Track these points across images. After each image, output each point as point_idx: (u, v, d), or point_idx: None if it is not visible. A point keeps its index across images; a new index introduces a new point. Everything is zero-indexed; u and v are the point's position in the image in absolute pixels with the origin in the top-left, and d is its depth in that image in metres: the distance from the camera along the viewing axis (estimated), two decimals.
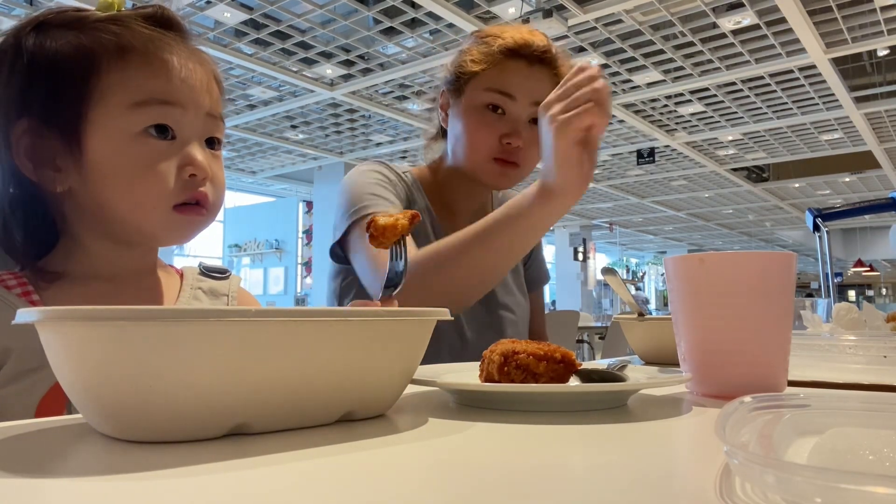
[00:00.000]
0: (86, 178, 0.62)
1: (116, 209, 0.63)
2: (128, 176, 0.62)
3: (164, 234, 0.66)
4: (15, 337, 0.58)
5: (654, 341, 0.98)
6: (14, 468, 0.33)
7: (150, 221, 0.64)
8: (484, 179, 1.07)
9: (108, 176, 0.62)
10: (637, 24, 4.79)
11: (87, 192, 0.63)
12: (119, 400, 0.38)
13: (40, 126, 0.61)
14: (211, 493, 0.30)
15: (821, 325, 1.20)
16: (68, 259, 0.66)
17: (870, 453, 0.29)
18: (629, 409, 0.54)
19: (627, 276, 16.61)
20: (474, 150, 1.05)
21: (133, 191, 0.62)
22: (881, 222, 14.39)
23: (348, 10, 4.74)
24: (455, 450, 0.39)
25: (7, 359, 0.59)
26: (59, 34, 0.62)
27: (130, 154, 0.61)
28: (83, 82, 0.61)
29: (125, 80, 0.62)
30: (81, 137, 0.61)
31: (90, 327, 0.36)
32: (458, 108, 1.07)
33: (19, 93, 0.62)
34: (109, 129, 0.61)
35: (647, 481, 0.33)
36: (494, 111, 1.04)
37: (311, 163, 9.13)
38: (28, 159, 0.62)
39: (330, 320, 0.41)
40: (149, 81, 0.62)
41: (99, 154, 0.61)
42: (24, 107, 0.62)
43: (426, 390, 0.64)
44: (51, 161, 0.62)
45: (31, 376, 0.59)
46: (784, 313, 0.60)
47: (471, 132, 1.05)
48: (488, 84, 1.04)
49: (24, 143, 0.62)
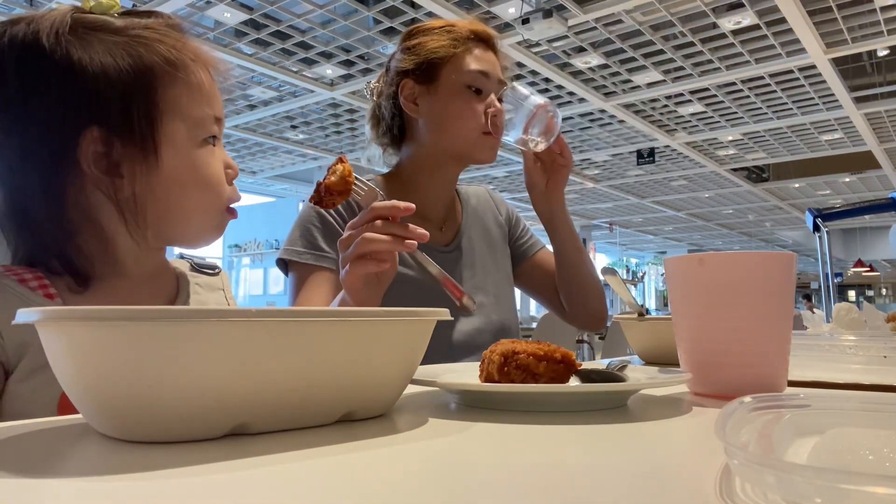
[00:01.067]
0: (153, 185, 0.66)
1: (185, 213, 0.68)
2: (197, 182, 0.68)
3: (214, 234, 0.72)
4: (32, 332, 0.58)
5: (654, 341, 0.98)
6: (14, 468, 0.33)
7: (211, 223, 0.71)
8: (476, 154, 1.13)
9: (180, 183, 0.67)
10: (637, 24, 4.79)
11: (152, 197, 0.66)
12: (119, 400, 0.38)
13: (110, 135, 0.64)
14: (211, 493, 0.30)
15: (821, 325, 1.20)
16: (98, 260, 0.67)
17: (870, 453, 0.29)
18: (629, 409, 0.54)
19: (627, 276, 16.60)
20: (467, 127, 1.11)
21: (203, 195, 0.69)
22: (881, 222, 14.39)
23: (348, 10, 4.74)
24: (455, 450, 0.39)
25: (25, 353, 0.60)
26: (106, 43, 0.64)
27: (197, 162, 0.68)
28: (150, 94, 0.65)
29: (183, 94, 0.67)
30: (158, 147, 0.65)
31: (90, 327, 0.36)
32: (436, 93, 1.11)
33: (87, 102, 0.63)
34: (178, 140, 0.66)
35: (647, 481, 0.33)
36: (476, 92, 1.11)
37: (311, 163, 9.13)
38: (97, 167, 0.64)
39: (330, 320, 0.41)
40: (200, 95, 0.68)
41: (170, 162, 0.66)
42: (94, 116, 0.63)
43: (426, 390, 0.64)
44: (116, 168, 0.65)
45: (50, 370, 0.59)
46: (784, 313, 0.60)
47: (460, 110, 1.10)
48: (468, 67, 1.11)
49: (94, 150, 0.63)
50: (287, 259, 1.07)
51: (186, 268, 0.82)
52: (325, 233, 1.08)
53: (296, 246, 1.07)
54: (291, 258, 1.06)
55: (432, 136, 1.13)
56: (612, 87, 6.11)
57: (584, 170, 9.48)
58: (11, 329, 0.59)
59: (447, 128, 1.12)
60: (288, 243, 1.08)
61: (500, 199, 1.36)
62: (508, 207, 1.37)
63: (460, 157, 1.14)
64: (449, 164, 1.16)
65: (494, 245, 1.27)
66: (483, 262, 1.21)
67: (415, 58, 1.12)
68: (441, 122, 1.12)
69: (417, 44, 1.13)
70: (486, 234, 1.26)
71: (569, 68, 5.66)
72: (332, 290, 1.05)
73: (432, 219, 1.19)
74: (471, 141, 1.11)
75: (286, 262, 1.08)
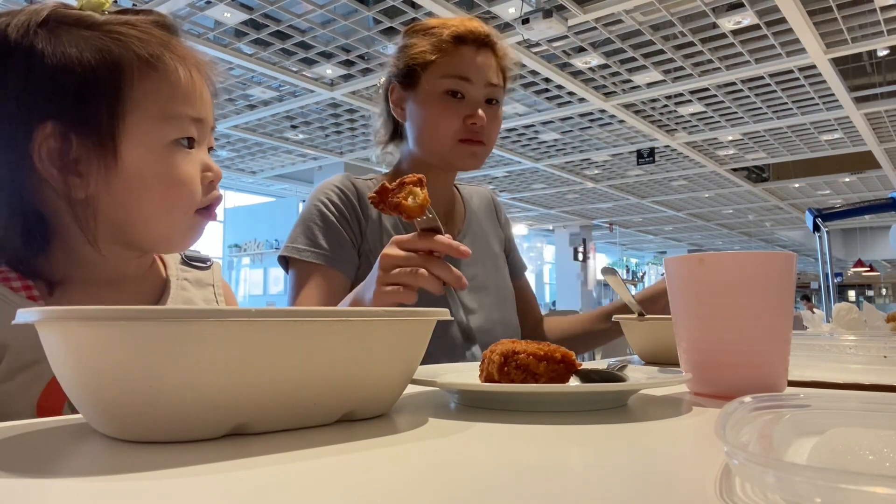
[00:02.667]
0: (113, 185, 0.62)
1: (145, 216, 0.64)
2: (163, 184, 0.63)
3: (183, 239, 0.68)
4: (11, 333, 0.58)
5: (654, 341, 0.98)
6: (14, 468, 0.33)
7: (177, 227, 0.66)
8: (454, 162, 1.11)
9: (142, 184, 0.63)
10: (637, 24, 4.78)
11: (110, 198, 0.62)
12: (119, 400, 0.38)
13: (67, 131, 0.60)
14: (211, 493, 0.30)
15: (821, 325, 1.20)
16: (68, 264, 0.65)
17: (870, 453, 0.29)
18: (629, 409, 0.54)
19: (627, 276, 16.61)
20: (441, 135, 1.09)
21: (167, 198, 0.64)
22: (881, 222, 14.39)
23: (348, 10, 4.74)
24: (455, 450, 0.39)
25: (3, 355, 0.59)
26: (76, 36, 0.61)
27: (164, 163, 0.63)
28: (115, 90, 0.61)
29: (156, 91, 0.63)
30: (117, 145, 0.61)
31: (90, 327, 0.36)
32: (416, 99, 1.11)
33: (43, 95, 0.60)
34: (143, 139, 0.62)
35: (647, 481, 0.33)
36: (454, 96, 1.08)
37: (311, 163, 9.13)
38: (51, 164, 0.60)
39: (330, 320, 0.41)
40: (177, 94, 0.64)
41: (134, 163, 0.62)
42: (50, 111, 0.60)
43: (426, 390, 0.64)
44: (73, 166, 0.61)
45: (30, 371, 0.59)
46: (784, 313, 0.60)
47: (435, 118, 1.09)
48: (445, 71, 1.08)
49: (47, 146, 0.60)
50: (287, 256, 1.07)
51: (177, 261, 0.79)
52: (327, 232, 1.08)
53: (296, 243, 1.07)
54: (291, 255, 1.06)
55: (415, 141, 1.14)
56: (612, 87, 6.11)
57: (584, 170, 9.49)
58: None
59: (423, 135, 1.11)
60: (289, 240, 1.08)
61: (500, 205, 1.37)
62: (507, 218, 1.37)
63: (442, 165, 1.13)
64: (436, 168, 1.15)
65: (495, 247, 1.27)
66: (484, 263, 1.22)
67: (399, 62, 1.13)
68: (419, 128, 1.11)
69: (405, 46, 1.13)
70: (488, 236, 1.26)
71: (569, 68, 5.66)
72: (332, 287, 1.05)
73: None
74: (447, 149, 1.09)
75: (287, 260, 1.08)
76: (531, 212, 12.81)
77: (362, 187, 1.14)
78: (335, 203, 1.10)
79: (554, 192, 10.99)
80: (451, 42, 1.09)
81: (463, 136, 1.08)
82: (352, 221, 1.10)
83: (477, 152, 1.11)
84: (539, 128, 7.31)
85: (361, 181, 1.16)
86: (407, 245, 0.74)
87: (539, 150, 8.32)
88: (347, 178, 1.15)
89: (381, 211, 0.72)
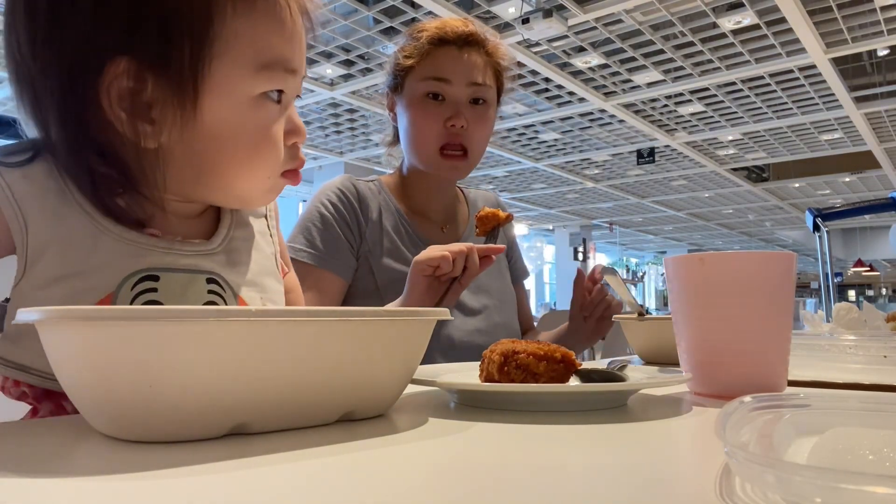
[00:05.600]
0: (189, 138, 0.55)
1: (222, 175, 0.57)
2: (248, 141, 0.56)
3: (262, 199, 0.63)
4: (50, 236, 0.54)
5: (654, 341, 0.98)
6: (14, 468, 0.33)
7: (258, 188, 0.60)
8: (438, 172, 1.12)
9: (222, 140, 0.56)
10: (637, 24, 4.78)
11: (184, 152, 0.56)
12: (119, 400, 0.38)
13: (143, 71, 0.52)
14: (211, 493, 0.30)
15: (821, 325, 1.20)
16: (133, 205, 0.58)
17: (870, 453, 0.29)
18: (629, 409, 0.54)
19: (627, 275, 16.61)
20: (423, 141, 1.09)
21: (250, 158, 0.57)
22: (881, 222, 14.39)
23: (348, 10, 4.74)
24: (455, 450, 0.39)
25: (41, 258, 0.54)
26: None
27: (252, 118, 0.56)
28: (204, 27, 0.53)
29: (252, 32, 0.54)
30: (198, 93, 0.53)
31: (90, 327, 0.36)
32: (402, 104, 1.12)
33: (119, 25, 0.52)
34: (230, 89, 0.54)
35: (647, 481, 0.33)
36: (435, 98, 1.08)
37: (311, 163, 9.13)
38: (120, 106, 0.53)
39: (330, 320, 0.41)
40: (275, 40, 0.55)
41: (215, 115, 0.55)
42: (126, 45, 0.52)
43: (426, 390, 0.64)
44: (145, 112, 0.54)
45: (66, 284, 0.54)
46: (784, 313, 0.60)
47: (416, 122, 1.09)
48: (424, 74, 1.08)
49: (118, 86, 0.52)
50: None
51: None
52: (325, 234, 1.08)
53: (294, 243, 1.08)
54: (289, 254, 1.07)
55: (404, 146, 1.15)
56: (612, 87, 6.11)
57: (585, 170, 9.49)
58: (36, 224, 0.54)
59: (408, 140, 1.12)
60: (288, 240, 1.08)
61: (505, 208, 1.37)
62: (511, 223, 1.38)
63: (429, 171, 1.13)
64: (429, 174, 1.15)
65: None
66: (494, 269, 1.22)
67: (389, 67, 1.14)
68: (405, 134, 1.12)
69: (396, 51, 1.14)
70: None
71: (569, 68, 5.66)
72: (326, 289, 1.05)
73: (434, 219, 1.20)
74: (428, 157, 1.10)
75: None
76: (531, 212, 12.80)
77: (364, 189, 1.14)
78: (335, 205, 1.10)
79: (554, 192, 10.99)
80: (429, 44, 1.09)
81: (444, 141, 1.08)
82: (351, 224, 1.10)
83: (458, 166, 1.10)
84: (539, 128, 7.31)
85: (363, 183, 1.16)
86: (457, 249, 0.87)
87: (539, 150, 8.32)
88: (349, 180, 1.15)
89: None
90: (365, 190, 1.14)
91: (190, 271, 0.59)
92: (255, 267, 0.66)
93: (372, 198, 1.14)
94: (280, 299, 0.69)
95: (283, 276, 0.74)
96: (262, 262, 0.68)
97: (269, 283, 0.68)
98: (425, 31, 1.10)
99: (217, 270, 0.62)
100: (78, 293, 0.54)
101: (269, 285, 0.67)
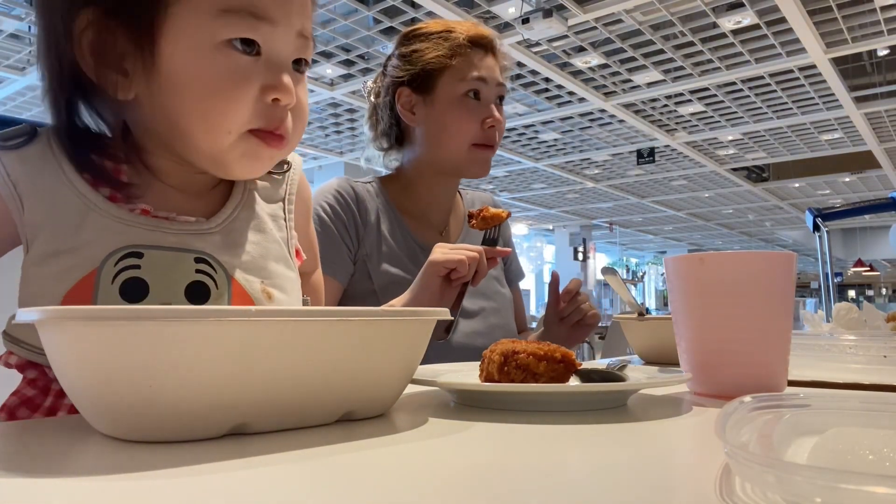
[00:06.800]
0: (154, 87, 0.54)
1: (188, 128, 0.55)
2: (204, 91, 0.54)
3: (234, 162, 0.58)
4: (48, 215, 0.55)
5: (654, 341, 0.98)
6: (14, 468, 0.33)
7: (221, 146, 0.56)
8: (465, 168, 1.14)
9: (182, 88, 0.54)
10: (637, 24, 4.78)
11: (154, 104, 0.55)
12: (119, 400, 0.38)
13: (107, 19, 0.52)
14: (211, 493, 0.30)
15: (821, 325, 1.20)
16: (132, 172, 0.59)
17: (870, 453, 0.29)
18: (629, 409, 0.54)
19: (627, 275, 16.61)
20: (461, 139, 1.11)
21: (207, 108, 0.54)
22: (881, 222, 14.38)
23: (348, 9, 4.74)
24: (455, 450, 0.39)
25: (38, 235, 0.55)
26: None
27: (210, 66, 0.53)
28: None
29: None
30: (155, 39, 0.52)
31: (91, 327, 0.36)
32: (433, 103, 1.12)
33: None
34: (189, 34, 0.53)
35: (647, 481, 0.33)
36: (475, 97, 1.11)
37: (311, 163, 9.13)
38: (91, 58, 0.53)
39: (330, 320, 0.41)
40: None
41: (174, 62, 0.53)
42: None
43: (426, 390, 0.64)
44: (117, 63, 0.54)
45: (62, 259, 0.55)
46: (784, 313, 0.60)
47: (456, 120, 1.11)
48: (464, 73, 1.11)
49: (87, 38, 0.53)
50: None
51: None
52: (323, 237, 1.07)
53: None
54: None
55: (429, 146, 1.14)
56: (612, 87, 6.11)
57: (584, 170, 9.49)
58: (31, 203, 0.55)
59: (443, 139, 1.12)
60: None
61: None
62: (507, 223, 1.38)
63: (453, 171, 1.15)
64: (444, 175, 1.16)
65: None
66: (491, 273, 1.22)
67: (411, 67, 1.13)
68: (437, 132, 1.12)
69: (414, 51, 1.13)
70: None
71: (569, 68, 5.65)
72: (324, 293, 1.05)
73: (433, 223, 1.19)
74: (463, 154, 1.11)
75: None
76: (531, 212, 12.80)
77: (361, 191, 1.14)
78: (333, 208, 1.10)
79: (554, 192, 10.99)
80: (468, 45, 1.11)
81: (480, 140, 1.11)
82: (349, 227, 1.10)
83: (487, 160, 1.14)
84: (539, 128, 7.30)
85: (361, 185, 1.16)
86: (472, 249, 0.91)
87: (539, 150, 8.32)
88: (347, 182, 1.15)
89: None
90: (363, 192, 1.14)
91: (177, 249, 0.58)
92: (257, 250, 0.63)
93: (370, 200, 1.14)
94: (290, 287, 0.66)
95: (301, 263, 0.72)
96: (267, 245, 0.64)
97: (276, 269, 0.64)
98: (458, 32, 1.12)
99: (209, 251, 0.60)
100: (67, 269, 0.55)
101: (275, 270, 0.64)
